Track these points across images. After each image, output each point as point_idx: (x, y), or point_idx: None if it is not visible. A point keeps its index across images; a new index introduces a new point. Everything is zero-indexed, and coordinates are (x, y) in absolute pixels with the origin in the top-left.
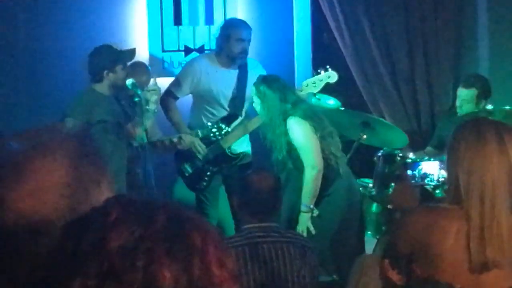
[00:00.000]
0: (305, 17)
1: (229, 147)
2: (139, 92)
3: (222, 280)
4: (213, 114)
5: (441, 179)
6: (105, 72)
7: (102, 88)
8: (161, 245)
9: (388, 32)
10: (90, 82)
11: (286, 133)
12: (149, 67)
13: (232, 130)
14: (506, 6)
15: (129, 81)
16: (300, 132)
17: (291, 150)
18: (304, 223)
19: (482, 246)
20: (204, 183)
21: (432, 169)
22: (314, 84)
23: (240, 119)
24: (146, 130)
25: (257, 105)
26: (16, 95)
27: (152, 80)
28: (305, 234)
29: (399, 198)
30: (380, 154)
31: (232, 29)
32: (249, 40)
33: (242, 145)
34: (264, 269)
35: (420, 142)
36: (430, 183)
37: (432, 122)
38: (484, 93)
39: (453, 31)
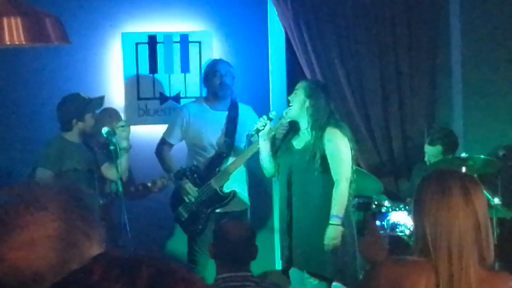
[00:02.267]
0: (280, 66)
1: (220, 187)
2: (114, 140)
3: None
4: (204, 157)
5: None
6: (74, 120)
7: (72, 136)
8: None
9: (363, 80)
10: (59, 131)
11: (321, 139)
12: (118, 112)
13: (222, 169)
14: (480, 53)
15: (104, 130)
16: (342, 144)
17: (323, 157)
18: (338, 237)
19: None
20: (200, 226)
21: (402, 219)
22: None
23: (229, 158)
24: (121, 178)
25: (298, 101)
26: None
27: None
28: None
29: (367, 250)
30: (355, 201)
31: (208, 66)
32: (228, 74)
33: (233, 185)
34: None
35: (395, 189)
36: (401, 233)
37: (406, 169)
38: (450, 148)
39: (428, 79)
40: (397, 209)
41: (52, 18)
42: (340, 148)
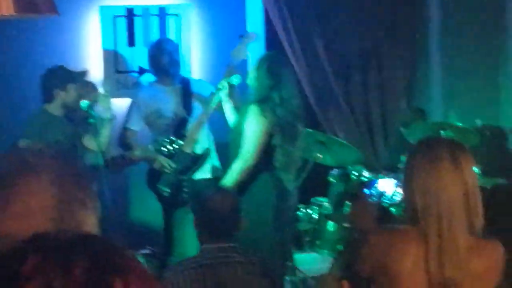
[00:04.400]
0: (258, 37)
1: (192, 150)
2: (93, 113)
3: None
4: (168, 128)
5: (397, 197)
6: (56, 90)
7: (54, 108)
8: None
9: (343, 53)
10: (42, 103)
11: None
12: (96, 86)
13: (187, 132)
14: (459, 32)
15: (84, 103)
16: (255, 122)
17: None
18: None
19: (441, 266)
20: (185, 195)
21: (389, 187)
22: (239, 50)
23: (191, 120)
24: (102, 152)
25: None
26: None
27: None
28: None
29: (356, 217)
30: (335, 173)
31: (154, 46)
32: (176, 50)
33: (203, 144)
34: None
35: (374, 160)
36: (388, 201)
37: (385, 140)
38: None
39: (407, 57)
40: (379, 178)
41: None
42: (250, 126)
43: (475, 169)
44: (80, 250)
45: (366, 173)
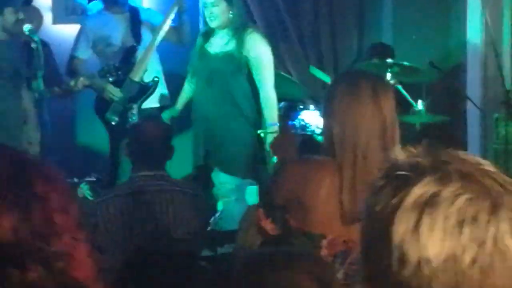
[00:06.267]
0: None
1: (141, 78)
2: (36, 38)
3: (64, 228)
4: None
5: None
6: None
7: None
8: (0, 194)
9: None
10: None
11: (244, 44)
12: (39, 11)
13: (136, 60)
14: None
15: (26, 27)
16: (265, 49)
17: (246, 62)
18: None
19: (354, 198)
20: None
21: (313, 119)
22: None
23: (139, 48)
24: (44, 78)
25: (222, 12)
26: None
27: None
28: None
29: (279, 148)
30: (281, 105)
31: None
32: None
33: (152, 73)
34: (149, 217)
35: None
36: (311, 132)
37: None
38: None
39: None
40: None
41: None
42: (263, 53)
43: (419, 106)
44: (3, 153)
45: (312, 106)
